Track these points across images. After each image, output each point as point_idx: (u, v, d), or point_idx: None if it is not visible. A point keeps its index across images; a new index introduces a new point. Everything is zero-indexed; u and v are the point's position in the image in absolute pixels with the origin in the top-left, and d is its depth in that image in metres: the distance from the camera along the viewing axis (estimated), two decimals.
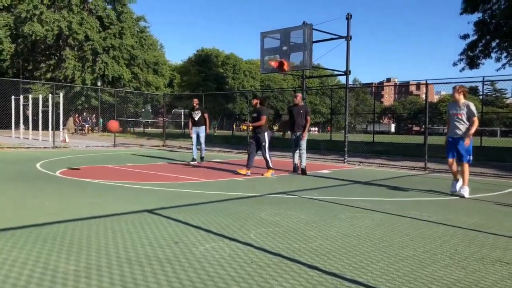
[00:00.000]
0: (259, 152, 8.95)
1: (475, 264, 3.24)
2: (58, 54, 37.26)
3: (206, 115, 11.46)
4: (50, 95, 19.24)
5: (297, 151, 9.29)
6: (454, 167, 6.82)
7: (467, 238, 4.05)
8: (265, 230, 4.14)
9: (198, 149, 11.52)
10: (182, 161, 11.95)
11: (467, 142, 6.53)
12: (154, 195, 6.11)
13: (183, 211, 4.97)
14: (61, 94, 19.93)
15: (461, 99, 6.71)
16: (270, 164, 8.79)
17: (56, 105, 18.18)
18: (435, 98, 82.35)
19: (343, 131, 13.79)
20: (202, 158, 11.51)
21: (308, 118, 9.24)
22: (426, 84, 12.56)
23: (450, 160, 6.81)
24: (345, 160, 12.78)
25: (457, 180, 6.84)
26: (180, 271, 2.90)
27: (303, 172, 9.16)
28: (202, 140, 11.43)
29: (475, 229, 4.40)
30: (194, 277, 2.81)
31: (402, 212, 5.24)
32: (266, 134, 8.83)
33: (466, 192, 6.66)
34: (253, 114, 9.18)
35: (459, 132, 6.64)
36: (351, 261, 3.24)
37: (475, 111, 6.63)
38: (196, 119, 11.41)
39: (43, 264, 2.97)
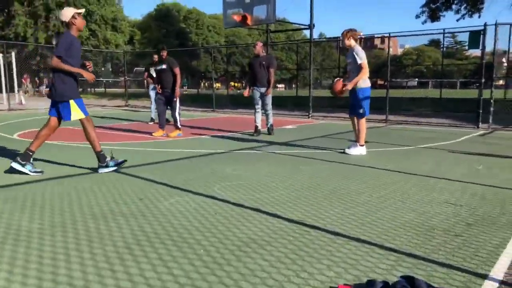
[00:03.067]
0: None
1: (425, 206, 3.49)
2: (6, 10, 34.86)
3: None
4: (1, 55, 18.20)
5: (259, 110, 8.46)
6: (354, 122, 6.24)
7: (419, 183, 4.32)
8: (229, 184, 4.25)
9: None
10: (144, 120, 11.79)
11: (349, 87, 5.86)
12: (118, 154, 6.06)
13: (147, 169, 4.99)
14: (13, 54, 18.89)
15: (351, 44, 6.02)
16: (179, 124, 8.13)
17: (8, 65, 17.26)
18: (399, 51, 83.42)
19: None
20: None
21: (271, 70, 8.24)
22: (389, 37, 12.71)
23: (351, 116, 6.32)
24: (310, 115, 12.99)
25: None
26: (145, 224, 2.98)
27: (270, 132, 8.46)
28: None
29: (428, 175, 4.68)
30: (159, 229, 2.89)
31: (361, 163, 5.47)
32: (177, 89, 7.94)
33: (352, 150, 6.05)
34: (161, 66, 7.97)
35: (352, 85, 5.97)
36: (310, 208, 3.41)
37: (361, 56, 5.91)
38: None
39: (5, 224, 2.97)
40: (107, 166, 4.75)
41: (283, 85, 79.79)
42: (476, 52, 19.74)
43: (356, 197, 3.76)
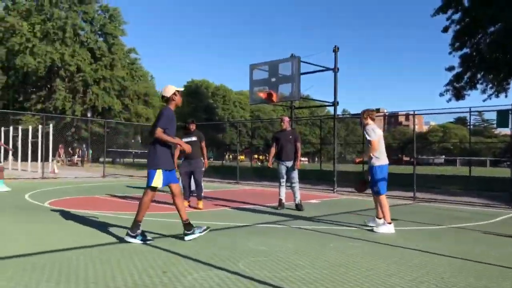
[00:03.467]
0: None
1: None
2: (49, 86, 37.45)
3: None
4: (40, 126, 19.24)
5: (284, 184, 8.33)
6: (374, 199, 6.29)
7: (453, 266, 4.11)
8: (253, 259, 4.16)
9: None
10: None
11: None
12: (143, 224, 6.09)
13: (172, 240, 4.97)
14: (51, 125, 19.93)
15: (368, 123, 6.20)
16: (202, 194, 8.26)
17: (46, 136, 18.16)
18: (424, 128, 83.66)
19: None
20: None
21: (298, 144, 8.25)
22: (414, 115, 12.86)
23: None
24: (335, 190, 12.86)
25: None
26: None
27: (299, 208, 8.18)
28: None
29: (462, 258, 4.47)
30: None
31: (390, 241, 5.29)
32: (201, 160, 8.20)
33: (380, 228, 5.92)
34: (191, 137, 8.06)
35: (366, 159, 6.19)
36: None
37: (370, 134, 6.03)
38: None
39: None
40: (193, 233, 4.97)
41: (306, 159, 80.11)
42: (506, 130, 19.59)
43: (386, 279, 3.59)
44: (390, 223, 5.95)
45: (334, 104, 13.22)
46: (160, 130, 4.80)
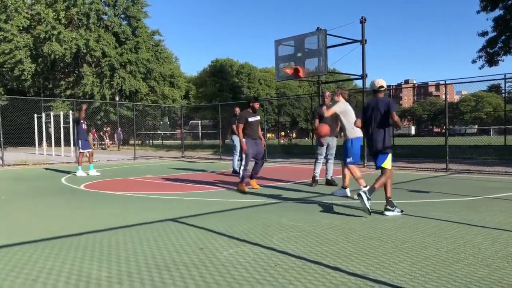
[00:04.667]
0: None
1: (499, 262, 3.24)
2: (76, 71, 38.22)
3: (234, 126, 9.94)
4: (70, 111, 19.74)
5: (321, 161, 8.29)
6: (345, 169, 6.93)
7: (490, 237, 4.04)
8: (287, 234, 4.21)
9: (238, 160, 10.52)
10: (200, 170, 12.10)
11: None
12: (177, 204, 6.25)
13: (206, 218, 5.08)
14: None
15: (340, 100, 6.96)
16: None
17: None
18: (455, 98, 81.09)
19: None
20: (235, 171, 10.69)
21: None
22: (446, 84, 12.45)
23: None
24: (365, 165, 12.73)
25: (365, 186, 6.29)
26: (206, 275, 3.00)
27: (333, 182, 8.26)
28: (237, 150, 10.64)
29: (499, 228, 4.38)
30: (220, 280, 2.90)
31: (424, 214, 5.23)
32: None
33: (339, 192, 6.93)
34: (256, 117, 7.89)
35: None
36: (374, 262, 3.28)
37: (332, 108, 6.91)
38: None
39: (77, 272, 3.11)
40: (393, 211, 5.26)
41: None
42: None
43: (422, 251, 3.57)
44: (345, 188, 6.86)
45: (363, 77, 12.94)
46: (397, 117, 5.24)
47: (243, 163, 7.78)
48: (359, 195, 5.07)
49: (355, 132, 6.63)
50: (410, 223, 4.69)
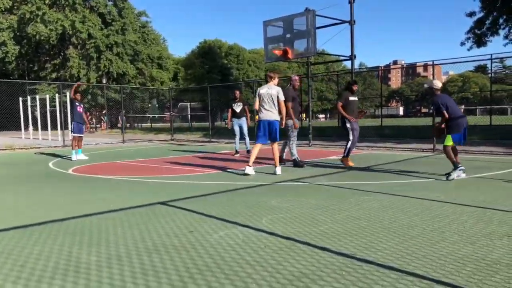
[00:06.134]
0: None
1: (483, 240, 3.32)
2: (62, 54, 37.51)
3: (246, 107, 11.68)
4: (57, 94, 19.45)
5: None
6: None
7: (475, 215, 4.12)
8: (276, 216, 4.25)
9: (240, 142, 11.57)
10: (190, 152, 12.09)
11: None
12: (167, 187, 6.25)
13: (196, 201, 5.09)
14: (68, 93, 20.11)
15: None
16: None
17: (63, 104, 18.40)
18: (443, 78, 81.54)
19: None
20: (248, 151, 10.99)
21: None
22: (433, 65, 12.50)
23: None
24: None
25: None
26: (196, 257, 3.02)
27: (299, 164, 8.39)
28: (246, 132, 11.56)
29: (483, 207, 4.47)
30: (210, 262, 2.92)
31: (411, 193, 5.31)
32: None
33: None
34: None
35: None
36: (361, 242, 3.33)
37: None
38: (237, 111, 11.53)
39: (66, 257, 3.11)
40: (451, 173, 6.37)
41: (323, 115, 79.55)
42: None
43: (409, 230, 3.64)
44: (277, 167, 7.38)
45: (351, 57, 12.92)
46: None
47: (351, 138, 8.17)
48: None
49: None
50: (397, 203, 4.76)
